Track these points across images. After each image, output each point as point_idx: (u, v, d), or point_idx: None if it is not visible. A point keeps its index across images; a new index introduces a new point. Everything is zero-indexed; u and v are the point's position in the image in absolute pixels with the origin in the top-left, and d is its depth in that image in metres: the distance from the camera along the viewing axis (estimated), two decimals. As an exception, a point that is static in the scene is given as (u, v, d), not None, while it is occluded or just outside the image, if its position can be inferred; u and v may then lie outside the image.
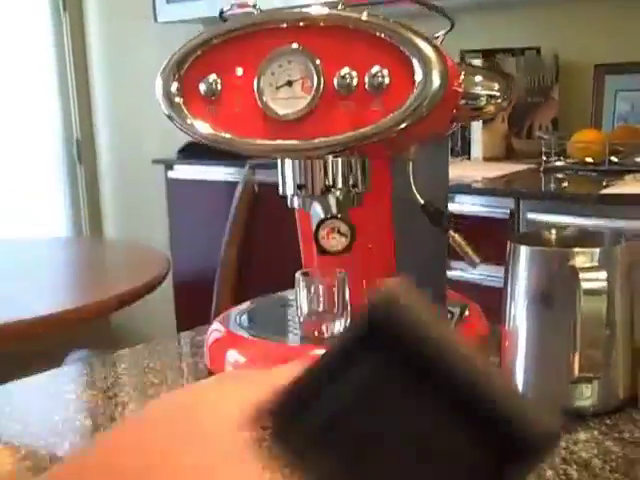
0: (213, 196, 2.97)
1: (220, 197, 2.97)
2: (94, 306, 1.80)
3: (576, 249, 0.69)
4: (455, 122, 0.81)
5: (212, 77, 0.78)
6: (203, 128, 0.78)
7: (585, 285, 0.66)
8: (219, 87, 0.78)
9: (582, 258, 0.69)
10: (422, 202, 0.82)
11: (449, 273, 0.92)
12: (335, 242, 0.69)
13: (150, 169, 3.22)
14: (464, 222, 0.85)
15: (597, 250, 0.69)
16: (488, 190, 2.08)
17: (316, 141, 0.75)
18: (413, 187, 0.81)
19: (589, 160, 2.21)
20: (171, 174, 3.16)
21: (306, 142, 0.75)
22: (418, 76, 0.72)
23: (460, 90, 0.76)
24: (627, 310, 0.71)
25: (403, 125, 0.73)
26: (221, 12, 0.81)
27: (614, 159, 2.17)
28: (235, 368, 0.81)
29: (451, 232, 0.81)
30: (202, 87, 0.78)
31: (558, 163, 2.29)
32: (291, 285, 0.81)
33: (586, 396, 0.70)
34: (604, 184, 1.93)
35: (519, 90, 2.50)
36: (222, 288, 1.97)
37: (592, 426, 0.69)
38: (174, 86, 0.79)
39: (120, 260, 2.39)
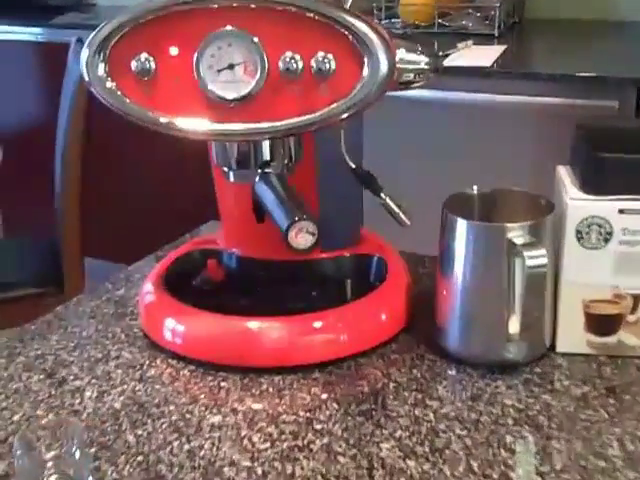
0: (23, 58, 2.79)
1: (29, 59, 2.80)
2: None
3: (511, 224, 0.75)
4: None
5: (144, 56, 0.74)
6: (141, 113, 0.76)
7: (529, 262, 0.72)
8: (152, 67, 0.75)
9: (517, 232, 0.75)
10: (353, 166, 0.84)
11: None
12: (304, 241, 0.70)
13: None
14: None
15: (529, 224, 0.75)
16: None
17: (260, 125, 0.75)
18: (345, 153, 0.83)
19: (419, 23, 2.27)
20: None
21: (250, 126, 0.75)
22: (365, 62, 0.72)
23: (400, 70, 0.77)
24: (552, 269, 0.79)
25: (351, 112, 0.74)
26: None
27: (443, 22, 2.24)
28: (174, 335, 0.83)
29: (382, 195, 0.84)
30: (134, 66, 0.75)
31: (389, 26, 2.32)
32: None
33: (519, 349, 0.79)
34: (439, 53, 2.00)
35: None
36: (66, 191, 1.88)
37: (525, 377, 0.78)
38: (101, 68, 0.75)
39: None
